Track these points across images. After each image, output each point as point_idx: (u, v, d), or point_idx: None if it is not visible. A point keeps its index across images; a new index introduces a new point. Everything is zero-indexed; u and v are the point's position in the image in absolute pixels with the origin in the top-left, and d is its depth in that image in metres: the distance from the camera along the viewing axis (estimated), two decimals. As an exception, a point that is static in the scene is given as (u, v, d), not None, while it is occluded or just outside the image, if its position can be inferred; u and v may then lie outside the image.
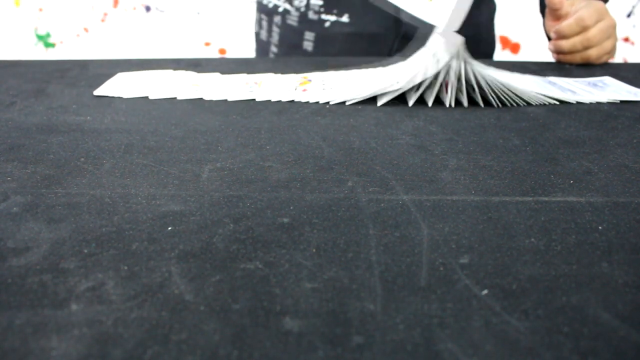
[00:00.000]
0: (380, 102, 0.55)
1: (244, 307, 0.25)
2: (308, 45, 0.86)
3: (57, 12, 1.91)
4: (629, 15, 1.68)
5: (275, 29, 0.89)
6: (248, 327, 0.24)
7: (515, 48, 1.75)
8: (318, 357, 0.22)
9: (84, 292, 0.26)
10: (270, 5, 0.89)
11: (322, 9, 0.84)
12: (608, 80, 0.65)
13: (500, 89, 0.55)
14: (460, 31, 0.52)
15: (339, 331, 0.23)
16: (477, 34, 0.88)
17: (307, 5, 0.84)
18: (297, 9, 0.85)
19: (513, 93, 0.55)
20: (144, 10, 1.90)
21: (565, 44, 0.73)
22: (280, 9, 0.87)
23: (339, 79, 0.62)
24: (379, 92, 0.56)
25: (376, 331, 0.23)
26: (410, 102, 0.55)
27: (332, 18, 0.84)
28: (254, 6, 0.95)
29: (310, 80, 0.62)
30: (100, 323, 0.24)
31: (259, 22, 0.94)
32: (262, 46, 0.94)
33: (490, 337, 0.23)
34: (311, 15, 0.85)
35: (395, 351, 0.22)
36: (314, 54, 0.86)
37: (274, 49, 0.91)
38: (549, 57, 0.79)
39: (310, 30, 0.85)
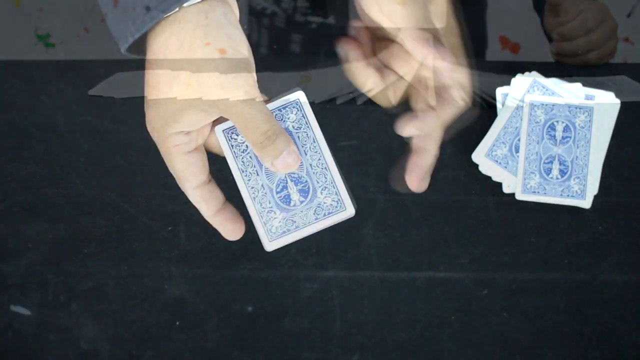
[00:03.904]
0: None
1: (244, 307, 0.25)
2: (295, 47, 0.87)
3: (57, 12, 1.91)
4: (629, 15, 1.68)
5: (264, 31, 0.91)
6: (248, 327, 0.24)
7: (515, 48, 1.75)
8: (318, 357, 0.22)
9: (84, 292, 0.26)
10: (259, 8, 0.91)
11: (308, 11, 0.85)
12: (619, 79, 0.64)
13: None
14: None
15: (339, 331, 0.23)
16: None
17: (294, 8, 0.85)
18: (284, 10, 0.86)
19: None
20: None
21: (568, 46, 0.72)
22: (268, 11, 0.88)
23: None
24: None
25: (376, 331, 0.23)
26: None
27: (319, 20, 0.84)
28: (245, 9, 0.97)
29: (311, 79, 0.62)
30: (100, 323, 0.24)
31: (249, 24, 0.96)
32: (252, 48, 0.96)
33: (490, 337, 0.23)
34: (298, 17, 0.86)
35: (395, 351, 0.22)
36: (301, 56, 0.87)
37: (263, 50, 0.93)
38: (549, 58, 0.78)
39: (297, 32, 0.86)
